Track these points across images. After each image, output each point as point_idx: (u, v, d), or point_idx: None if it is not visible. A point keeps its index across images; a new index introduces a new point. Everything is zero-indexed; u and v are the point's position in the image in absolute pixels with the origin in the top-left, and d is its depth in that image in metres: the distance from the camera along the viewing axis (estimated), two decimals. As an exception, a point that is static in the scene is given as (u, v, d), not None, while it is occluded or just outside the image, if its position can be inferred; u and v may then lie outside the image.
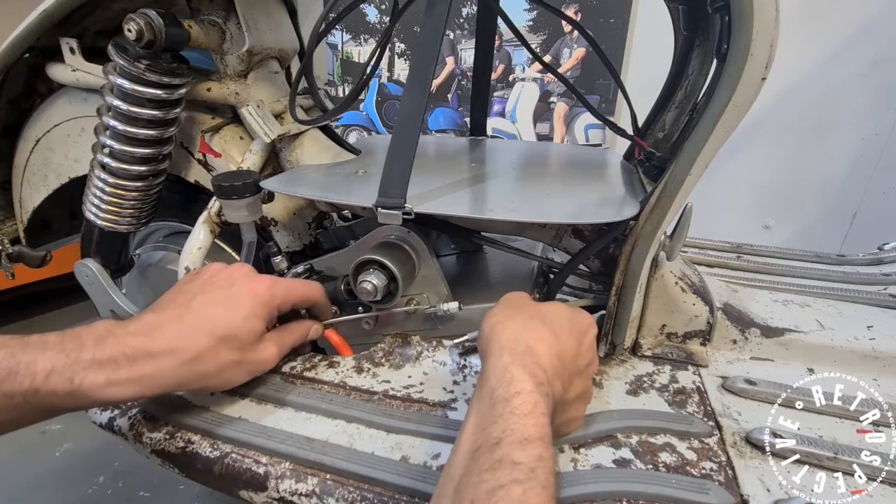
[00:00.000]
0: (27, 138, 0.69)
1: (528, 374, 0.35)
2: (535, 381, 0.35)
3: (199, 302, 0.43)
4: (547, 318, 0.42)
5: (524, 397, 0.34)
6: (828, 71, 1.50)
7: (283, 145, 0.65)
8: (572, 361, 0.40)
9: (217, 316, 0.43)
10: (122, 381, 0.38)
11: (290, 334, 0.51)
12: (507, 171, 0.66)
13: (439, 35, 0.46)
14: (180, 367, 0.40)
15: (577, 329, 0.42)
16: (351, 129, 2.08)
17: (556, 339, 0.40)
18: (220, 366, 0.43)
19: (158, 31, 0.51)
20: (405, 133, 0.48)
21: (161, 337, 0.40)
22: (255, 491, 0.41)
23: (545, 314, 0.43)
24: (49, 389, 0.36)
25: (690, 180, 0.46)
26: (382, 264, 0.51)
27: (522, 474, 0.30)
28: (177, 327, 0.41)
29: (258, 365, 0.46)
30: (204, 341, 0.41)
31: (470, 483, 0.30)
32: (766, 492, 0.39)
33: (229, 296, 0.44)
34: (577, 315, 0.44)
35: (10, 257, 0.76)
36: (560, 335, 0.40)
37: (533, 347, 0.38)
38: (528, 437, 0.32)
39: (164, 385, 0.40)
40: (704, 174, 0.47)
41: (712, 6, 0.51)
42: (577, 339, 0.42)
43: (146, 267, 0.74)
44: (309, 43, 0.59)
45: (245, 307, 0.44)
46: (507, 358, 0.37)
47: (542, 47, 1.79)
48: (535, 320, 0.41)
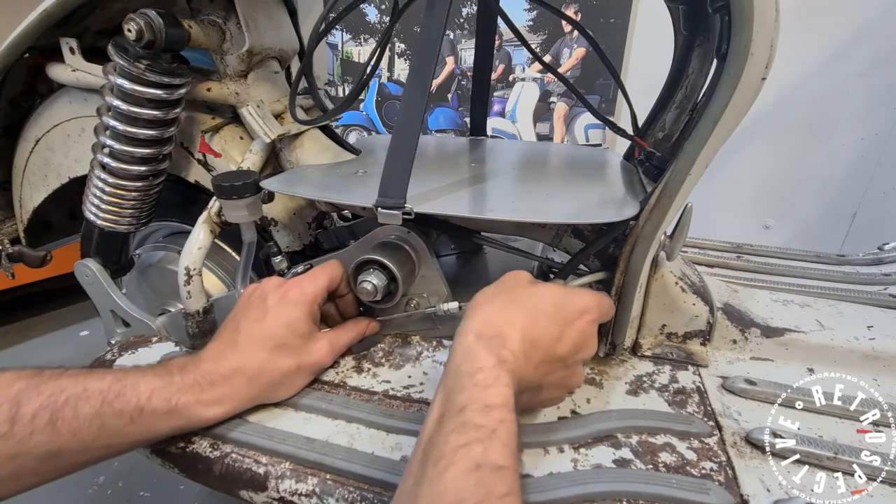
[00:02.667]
0: (27, 138, 0.69)
1: (491, 354, 0.37)
2: (497, 359, 0.37)
3: (243, 324, 0.47)
4: (527, 303, 0.42)
5: (486, 372, 0.36)
6: (828, 71, 1.50)
7: (283, 145, 0.65)
8: (549, 348, 0.40)
9: (263, 330, 0.47)
10: (208, 401, 0.43)
11: (343, 333, 0.53)
12: (507, 171, 0.66)
13: (439, 35, 0.46)
14: (248, 383, 0.45)
15: (562, 316, 0.41)
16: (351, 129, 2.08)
17: (533, 325, 0.40)
18: (282, 374, 0.46)
19: (158, 31, 0.51)
20: (405, 133, 0.48)
21: (225, 360, 0.45)
22: (255, 491, 0.41)
23: (529, 298, 0.42)
24: (151, 409, 0.40)
25: (690, 180, 0.46)
26: (382, 264, 0.51)
27: (484, 434, 0.32)
28: (234, 350, 0.46)
29: (314, 365, 0.49)
30: (261, 356, 0.46)
31: (437, 443, 0.33)
32: (766, 492, 0.39)
33: (266, 309, 0.48)
34: (567, 300, 0.42)
35: (10, 257, 0.76)
36: (538, 321, 0.40)
37: (503, 332, 0.39)
38: (489, 405, 0.34)
39: (241, 402, 0.45)
40: (704, 174, 0.47)
41: (712, 6, 0.51)
42: (559, 325, 0.41)
43: (146, 267, 0.74)
44: (309, 43, 0.59)
45: (284, 314, 0.47)
46: (471, 338, 0.38)
47: (542, 47, 1.79)
48: (514, 304, 0.41)
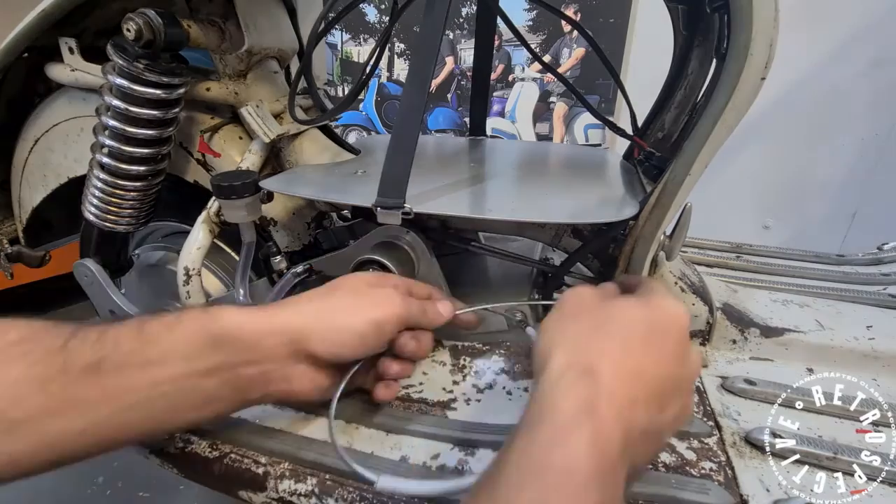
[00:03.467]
0: (26, 138, 0.69)
1: (574, 396, 0.27)
2: (582, 406, 0.27)
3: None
4: (614, 327, 0.33)
5: (556, 427, 0.26)
6: (828, 71, 1.50)
7: (282, 145, 0.65)
8: (657, 374, 0.31)
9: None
10: (325, 340, 0.39)
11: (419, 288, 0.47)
12: (507, 171, 0.66)
13: (439, 35, 0.46)
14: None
15: (658, 332, 0.32)
16: (350, 129, 2.09)
17: (629, 354, 0.31)
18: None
19: (157, 31, 0.51)
20: (404, 133, 0.47)
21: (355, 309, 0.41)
22: (254, 491, 0.41)
23: (610, 320, 0.33)
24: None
25: (690, 180, 0.46)
26: (382, 264, 0.51)
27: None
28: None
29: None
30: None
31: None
32: (765, 492, 0.39)
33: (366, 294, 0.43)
34: (654, 312, 0.33)
35: (8, 257, 0.76)
36: (634, 346, 0.31)
37: (594, 368, 0.29)
38: (544, 466, 0.24)
39: (355, 349, 0.40)
40: (704, 174, 0.46)
41: (711, 6, 0.51)
42: (658, 344, 0.32)
43: (145, 267, 0.74)
44: (308, 43, 0.59)
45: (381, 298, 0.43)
46: (549, 383, 0.29)
47: (541, 47, 1.79)
48: (598, 332, 0.32)
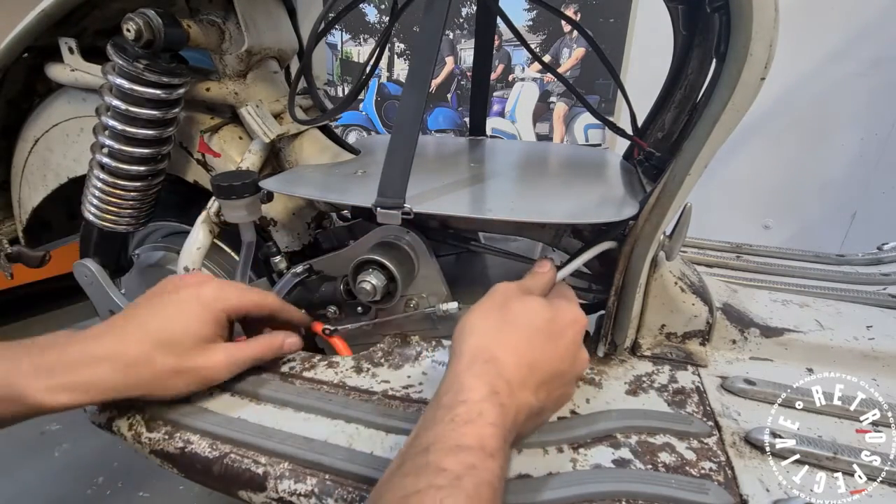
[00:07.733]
0: (26, 138, 0.69)
1: (482, 382, 0.34)
2: (489, 390, 0.33)
3: (141, 309, 0.44)
4: (521, 322, 0.39)
5: (469, 406, 0.32)
6: (828, 71, 1.50)
7: (282, 145, 0.65)
8: (548, 367, 0.38)
9: (155, 321, 0.43)
10: (58, 386, 0.38)
11: (248, 347, 0.48)
12: (507, 171, 0.66)
13: (438, 35, 0.46)
14: (116, 373, 0.40)
15: (556, 331, 0.40)
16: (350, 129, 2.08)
17: (529, 347, 0.38)
18: (157, 372, 0.42)
19: (157, 31, 0.51)
20: (404, 133, 0.47)
21: (99, 345, 0.41)
22: (254, 491, 0.41)
23: (522, 314, 0.40)
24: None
25: (690, 180, 0.46)
26: (382, 264, 0.51)
27: (445, 480, 0.27)
28: (115, 334, 0.42)
29: (200, 371, 0.44)
30: (138, 347, 0.41)
31: (386, 487, 0.28)
32: (765, 492, 0.39)
33: (171, 301, 0.44)
34: (557, 314, 0.41)
35: (8, 257, 0.76)
36: (533, 341, 0.38)
37: (497, 357, 0.36)
38: (460, 445, 0.30)
39: (104, 391, 0.40)
40: (704, 174, 0.46)
41: (711, 6, 0.51)
42: (554, 342, 0.39)
43: (145, 267, 0.74)
44: (308, 43, 0.59)
45: (186, 312, 0.44)
46: (463, 364, 0.36)
47: (541, 47, 1.79)
48: (508, 325, 0.39)
